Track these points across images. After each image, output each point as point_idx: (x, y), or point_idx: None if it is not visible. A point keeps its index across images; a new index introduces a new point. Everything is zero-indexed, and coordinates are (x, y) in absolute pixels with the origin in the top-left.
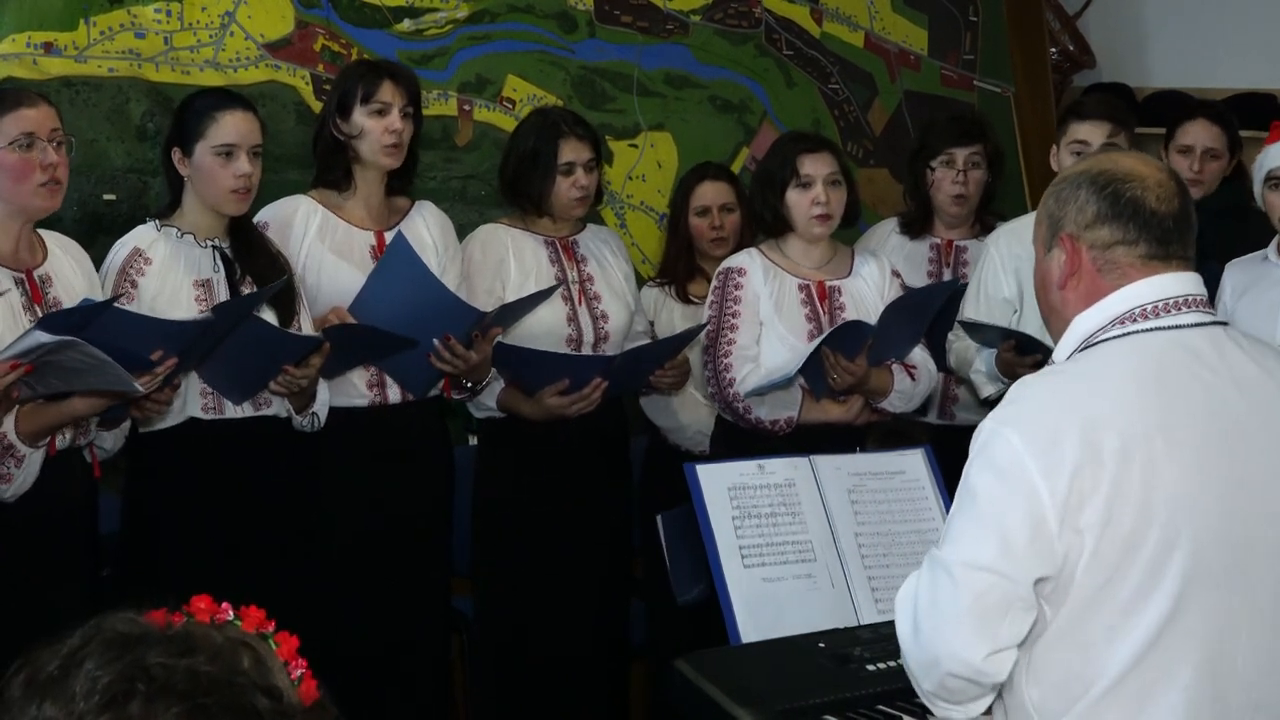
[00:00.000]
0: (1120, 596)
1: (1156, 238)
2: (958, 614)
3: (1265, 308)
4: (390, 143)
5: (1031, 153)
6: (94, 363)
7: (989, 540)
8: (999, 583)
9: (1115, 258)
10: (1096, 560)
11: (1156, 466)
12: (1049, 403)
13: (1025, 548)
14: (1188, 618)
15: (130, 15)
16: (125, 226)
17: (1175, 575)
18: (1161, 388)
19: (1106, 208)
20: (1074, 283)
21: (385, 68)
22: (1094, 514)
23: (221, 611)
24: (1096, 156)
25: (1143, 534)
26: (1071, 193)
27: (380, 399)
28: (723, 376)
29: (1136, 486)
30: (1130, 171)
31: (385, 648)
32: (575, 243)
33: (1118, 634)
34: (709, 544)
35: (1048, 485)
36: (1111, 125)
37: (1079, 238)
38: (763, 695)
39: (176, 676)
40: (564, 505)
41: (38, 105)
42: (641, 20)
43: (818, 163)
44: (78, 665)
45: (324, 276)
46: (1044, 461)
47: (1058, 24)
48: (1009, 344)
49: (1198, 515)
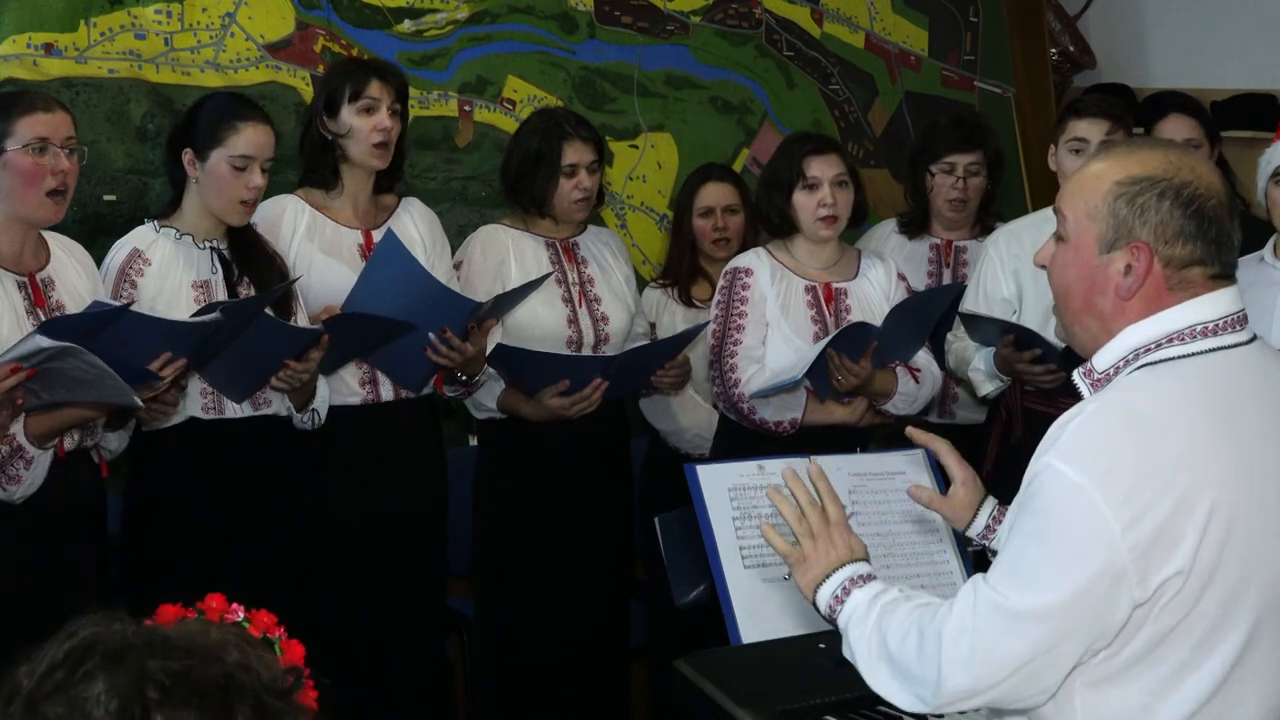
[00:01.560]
0: (1195, 634)
1: (1228, 258)
2: (1022, 662)
3: (1261, 311)
4: (379, 140)
5: (1032, 154)
6: (94, 373)
7: (1057, 589)
8: (1062, 641)
9: (1190, 277)
10: (1173, 604)
11: (1237, 511)
12: (1125, 448)
13: (1098, 608)
14: (1256, 657)
15: (131, 16)
16: (125, 227)
17: (1246, 614)
18: (1230, 420)
19: (1193, 227)
20: (1140, 294)
21: (372, 65)
22: (1179, 563)
23: (232, 612)
24: (1176, 159)
25: (1220, 576)
26: (1155, 202)
27: (373, 397)
28: (728, 377)
29: (1218, 527)
30: (1210, 185)
31: (384, 648)
32: (576, 244)
33: (1188, 672)
34: (709, 544)
35: (1129, 540)
36: (1110, 123)
37: (1156, 250)
38: (763, 696)
39: (181, 681)
40: (564, 506)
41: (54, 111)
42: (642, 21)
43: (825, 164)
44: (84, 676)
45: (314, 275)
46: (1126, 515)
47: (1058, 24)
48: (1007, 339)
49: (1268, 550)
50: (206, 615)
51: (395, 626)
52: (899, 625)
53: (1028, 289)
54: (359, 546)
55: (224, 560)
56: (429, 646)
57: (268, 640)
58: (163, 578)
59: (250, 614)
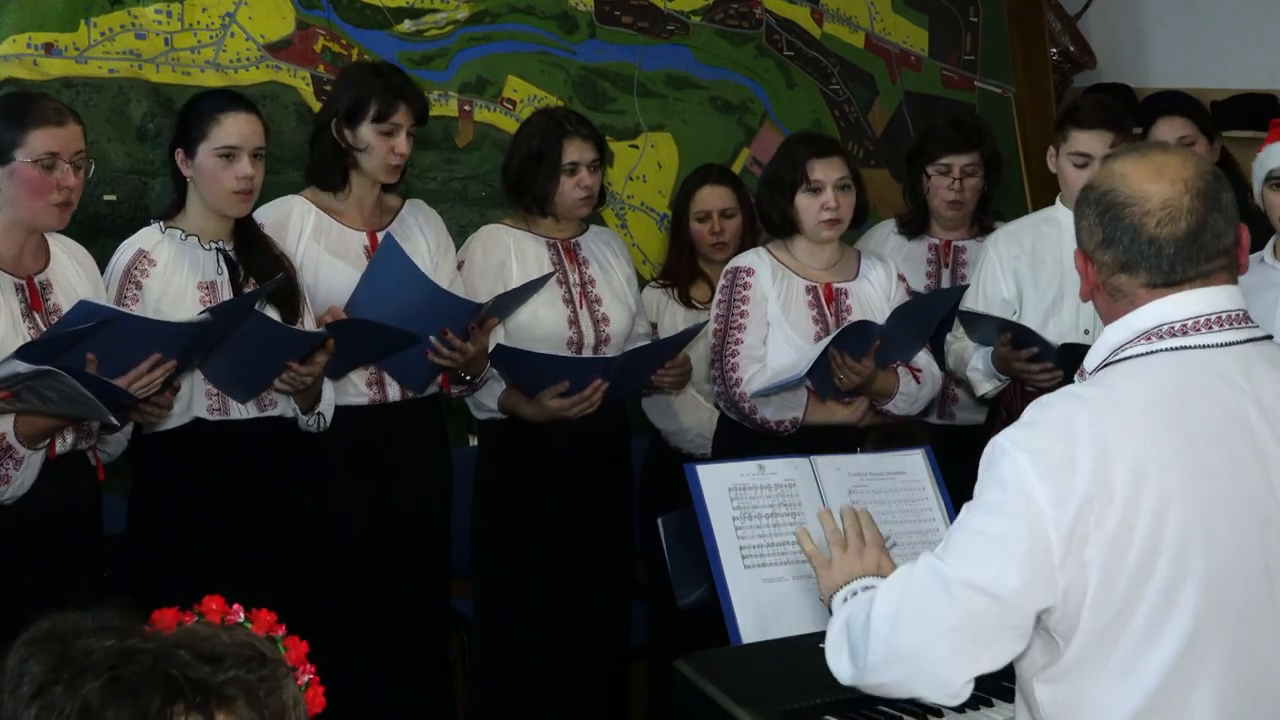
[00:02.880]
0: (1131, 631)
1: (1154, 267)
2: (946, 629)
3: (1262, 312)
4: (395, 163)
5: (1032, 154)
6: (71, 394)
7: (990, 563)
8: (993, 607)
9: (1119, 285)
10: (1103, 594)
11: (1168, 501)
12: (1064, 428)
13: (1026, 577)
14: (1207, 652)
15: (131, 16)
16: (126, 227)
17: (1186, 610)
18: (1179, 416)
19: (1108, 233)
20: (1095, 297)
21: (401, 89)
22: (1099, 548)
23: (233, 613)
24: (1110, 167)
25: (1149, 569)
26: (1081, 210)
27: (380, 397)
28: (729, 376)
29: (1145, 522)
30: (1134, 193)
31: (385, 647)
32: (577, 244)
33: (1131, 670)
34: (709, 544)
35: (1054, 514)
36: (1113, 135)
37: (1091, 257)
38: (763, 696)
39: (97, 656)
40: (564, 507)
41: (67, 124)
42: (642, 21)
43: (828, 168)
44: (9, 666)
45: (320, 276)
46: (1053, 490)
47: (1058, 24)
48: (1005, 338)
49: (1211, 550)
50: (206, 617)
51: (399, 626)
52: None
53: (1027, 289)
54: (365, 546)
55: (228, 561)
56: (432, 646)
57: (271, 639)
58: (167, 578)
59: (251, 614)
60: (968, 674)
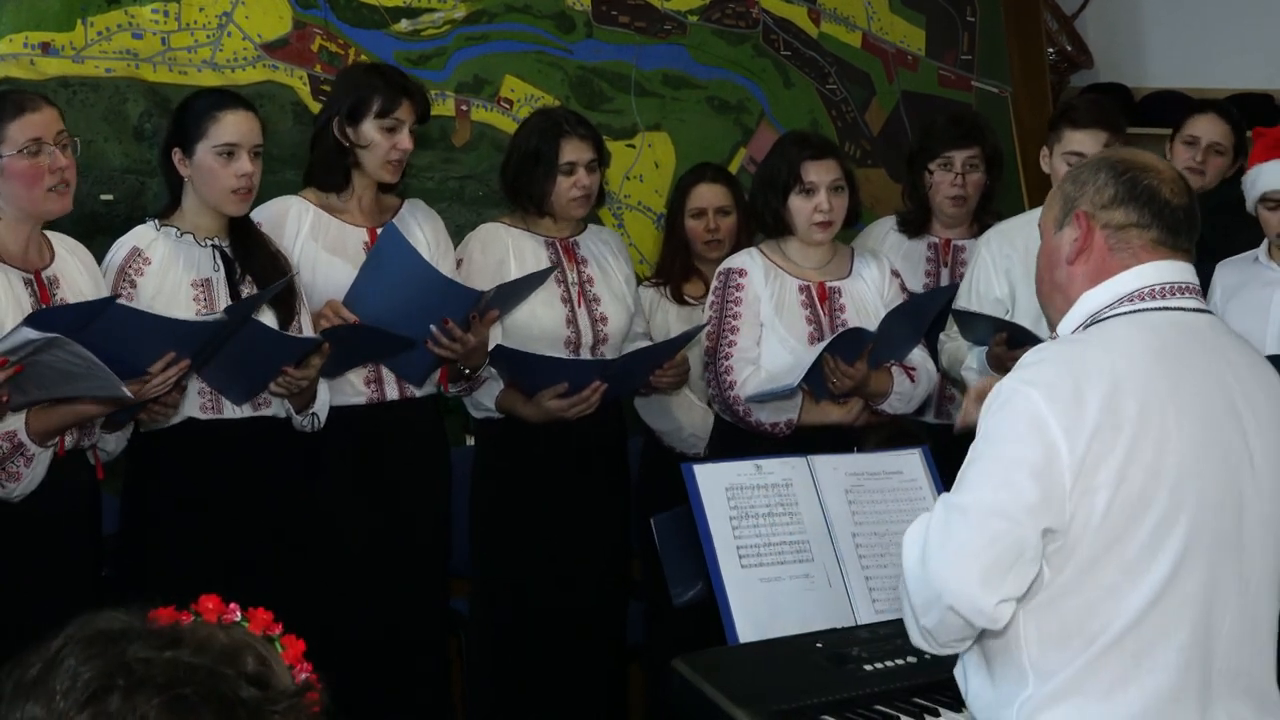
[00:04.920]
0: (1126, 556)
1: (1168, 225)
2: (972, 554)
3: (1255, 309)
4: (397, 159)
5: (1029, 153)
6: (82, 365)
7: (1007, 488)
8: (1012, 529)
9: (1128, 239)
10: (1107, 520)
11: (1168, 433)
12: (1071, 364)
13: (1040, 500)
14: (1187, 581)
15: (128, 15)
16: (123, 227)
17: (1179, 539)
18: (1171, 360)
19: (1125, 191)
20: (1084, 259)
21: (403, 84)
22: (1108, 474)
23: (229, 612)
24: (1116, 148)
25: (1151, 497)
26: (1091, 175)
27: (378, 396)
28: (723, 379)
29: (1150, 451)
30: (1148, 164)
31: (383, 647)
32: (576, 244)
33: (1121, 592)
34: (706, 544)
35: (1068, 443)
36: (1108, 134)
37: (1094, 216)
38: (760, 695)
39: (155, 669)
40: (561, 506)
41: (41, 109)
42: (639, 20)
43: (822, 170)
44: (59, 664)
45: (319, 274)
46: (1066, 419)
47: (1055, 24)
48: (1000, 338)
49: (1201, 483)
50: (203, 616)
51: (397, 626)
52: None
53: (1020, 289)
54: (363, 545)
55: (222, 560)
56: (429, 646)
57: (268, 638)
58: (161, 578)
59: (248, 612)
60: (997, 595)
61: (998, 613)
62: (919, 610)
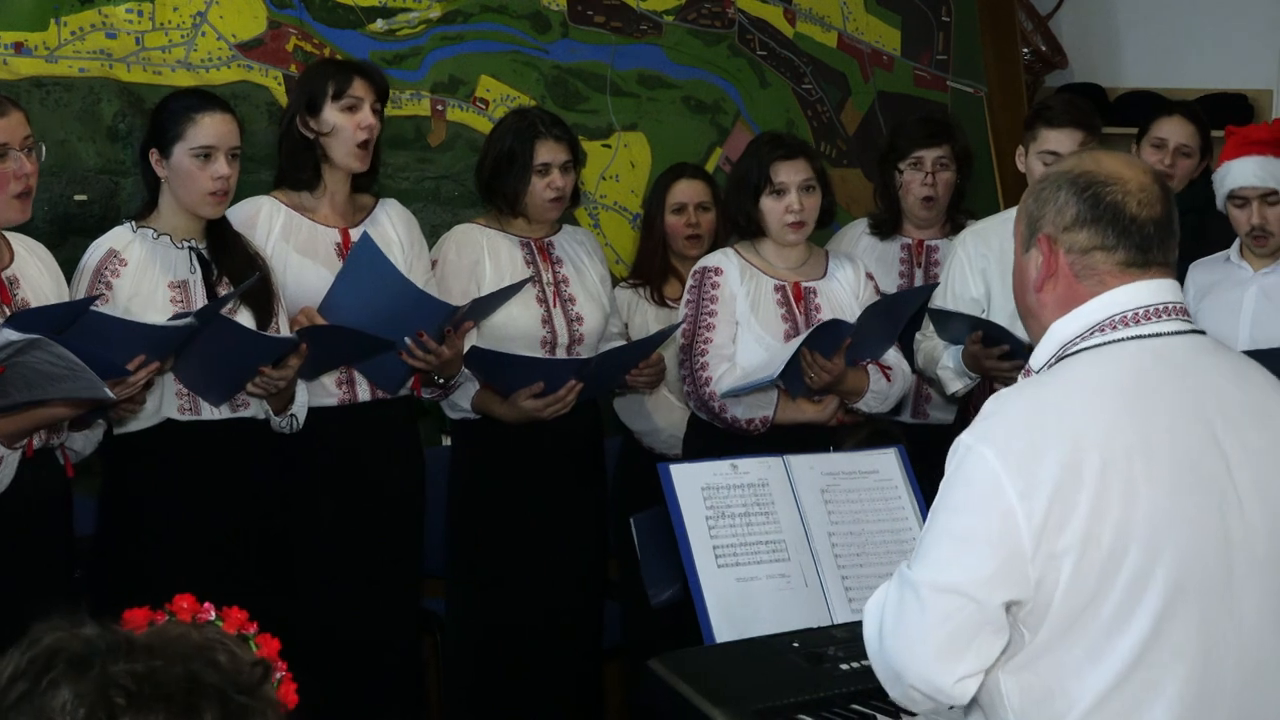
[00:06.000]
0: (1102, 617)
1: (1136, 244)
2: (923, 635)
3: (1227, 308)
4: (362, 139)
5: (1004, 153)
6: (63, 366)
7: (959, 562)
8: (966, 605)
9: (1093, 263)
10: (1075, 582)
11: (1136, 484)
12: (1028, 419)
13: (996, 572)
14: (1173, 634)
15: (101, 15)
16: (97, 227)
17: (1157, 593)
18: (1140, 402)
19: (1087, 211)
20: (1050, 286)
21: (355, 65)
22: (1073, 534)
23: (203, 611)
24: (1080, 156)
25: (1122, 554)
26: (1052, 193)
27: (349, 397)
28: (699, 376)
29: (1116, 506)
30: (1112, 174)
31: (359, 648)
32: (551, 244)
33: (1101, 654)
34: (682, 544)
35: (1024, 507)
36: (1083, 134)
37: (1057, 240)
38: (737, 695)
39: (147, 682)
40: (537, 506)
41: (9, 113)
42: (615, 20)
43: (792, 170)
44: (47, 690)
45: (290, 275)
46: (1022, 482)
47: (1030, 24)
48: (975, 336)
49: (1178, 531)
50: (177, 616)
51: (373, 626)
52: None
53: (995, 288)
54: (338, 546)
55: (200, 561)
56: (405, 646)
57: (243, 636)
58: (139, 578)
59: (222, 612)
60: (954, 674)
61: (957, 690)
62: (885, 685)
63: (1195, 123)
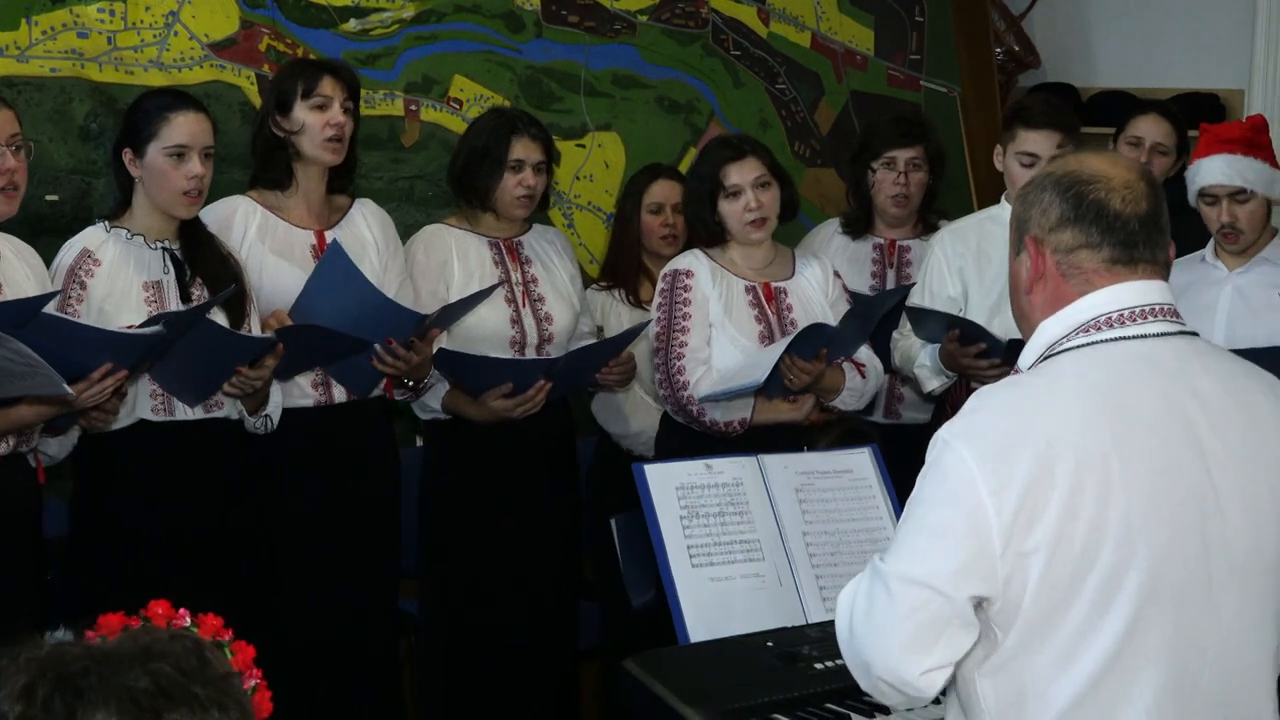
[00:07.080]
0: (1073, 618)
1: (1120, 241)
2: (891, 627)
3: (1202, 308)
4: (332, 135)
5: (977, 153)
6: (23, 364)
7: (929, 556)
8: (934, 599)
9: (1079, 262)
10: (1046, 582)
11: (1110, 486)
12: (1005, 417)
13: (964, 566)
14: (1148, 637)
15: (73, 15)
16: (68, 227)
17: (1130, 596)
18: (1119, 403)
19: (1070, 210)
20: (1040, 287)
21: (324, 64)
22: (1044, 534)
23: (179, 617)
24: (1065, 158)
25: (1094, 555)
26: (1036, 195)
27: (325, 399)
28: (676, 380)
29: (1089, 507)
30: (1096, 173)
31: (334, 648)
32: (520, 244)
33: (1074, 656)
34: (657, 544)
35: (995, 503)
36: (1061, 135)
37: (1043, 241)
38: (712, 694)
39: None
40: (511, 506)
41: None
42: (589, 20)
43: (743, 169)
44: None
45: (265, 277)
46: (994, 479)
47: (1003, 24)
48: (952, 334)
49: (1154, 533)
50: (152, 622)
51: (348, 628)
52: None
53: (973, 287)
54: (313, 548)
55: (174, 563)
56: (381, 647)
57: (218, 644)
58: (112, 580)
59: (198, 618)
60: (920, 667)
61: (923, 682)
62: (855, 675)
63: (1171, 121)
